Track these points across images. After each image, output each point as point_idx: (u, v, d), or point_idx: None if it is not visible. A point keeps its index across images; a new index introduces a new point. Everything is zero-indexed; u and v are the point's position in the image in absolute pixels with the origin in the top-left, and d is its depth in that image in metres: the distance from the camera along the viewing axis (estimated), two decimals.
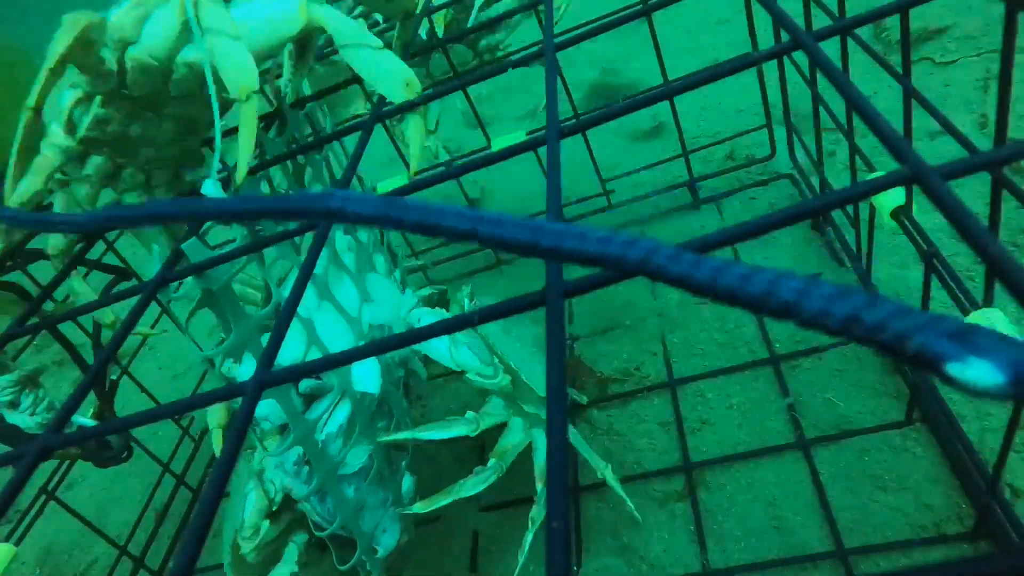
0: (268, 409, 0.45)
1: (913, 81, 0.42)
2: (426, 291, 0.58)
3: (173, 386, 0.96)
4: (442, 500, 0.47)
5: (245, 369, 0.46)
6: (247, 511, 0.46)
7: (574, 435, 0.52)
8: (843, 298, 0.11)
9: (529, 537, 0.47)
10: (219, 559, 0.67)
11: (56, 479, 0.69)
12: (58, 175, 0.40)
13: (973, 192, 0.60)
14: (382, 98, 0.41)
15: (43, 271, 0.55)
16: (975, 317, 0.34)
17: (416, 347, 0.51)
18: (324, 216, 0.19)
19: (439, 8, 0.61)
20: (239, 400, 0.22)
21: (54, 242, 0.44)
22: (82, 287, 0.46)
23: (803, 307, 0.12)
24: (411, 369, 0.53)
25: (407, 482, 0.51)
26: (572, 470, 0.58)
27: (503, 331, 0.51)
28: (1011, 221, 0.57)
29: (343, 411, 0.45)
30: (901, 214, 0.42)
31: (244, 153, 0.36)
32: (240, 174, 0.36)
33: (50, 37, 0.36)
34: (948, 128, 0.38)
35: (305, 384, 0.45)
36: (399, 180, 0.68)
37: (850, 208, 0.60)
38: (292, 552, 0.48)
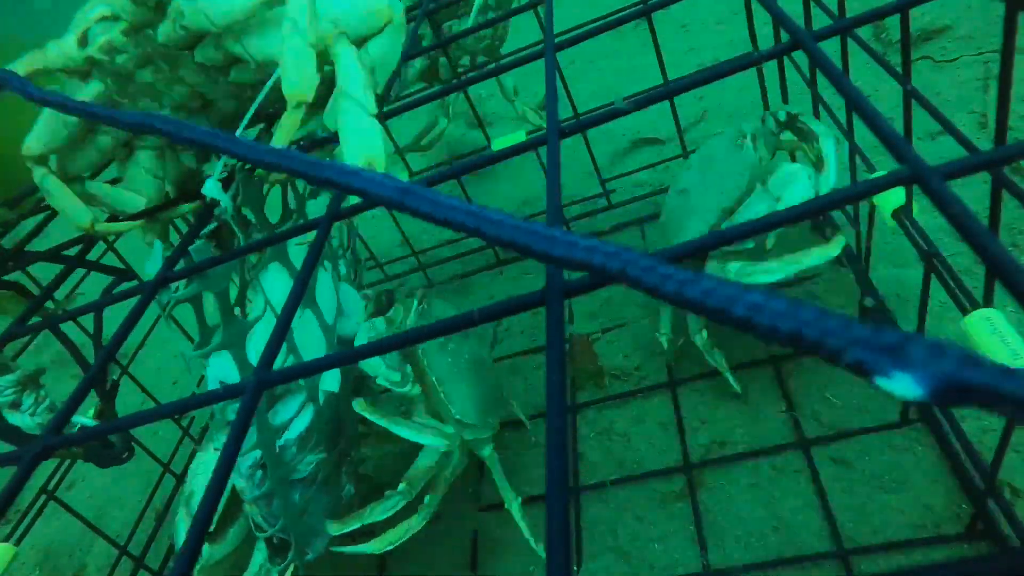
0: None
1: (913, 81, 0.42)
2: (372, 291, 0.55)
3: (173, 387, 0.96)
4: (353, 524, 0.47)
5: (215, 362, 0.46)
6: (178, 541, 0.45)
7: (492, 459, 0.52)
8: (790, 314, 0.12)
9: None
10: None
11: (56, 479, 0.69)
12: None
13: (973, 192, 0.60)
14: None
15: (43, 271, 0.55)
16: (975, 317, 0.34)
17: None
18: (346, 190, 0.20)
19: (439, 8, 0.61)
20: None
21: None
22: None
23: (755, 322, 0.13)
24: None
25: (348, 490, 0.52)
26: (573, 470, 0.58)
27: (439, 344, 0.50)
28: (1011, 221, 0.57)
29: (304, 419, 0.46)
30: (901, 214, 0.42)
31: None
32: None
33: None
34: (948, 128, 0.38)
35: None
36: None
37: (850, 208, 0.60)
38: (258, 557, 0.49)
